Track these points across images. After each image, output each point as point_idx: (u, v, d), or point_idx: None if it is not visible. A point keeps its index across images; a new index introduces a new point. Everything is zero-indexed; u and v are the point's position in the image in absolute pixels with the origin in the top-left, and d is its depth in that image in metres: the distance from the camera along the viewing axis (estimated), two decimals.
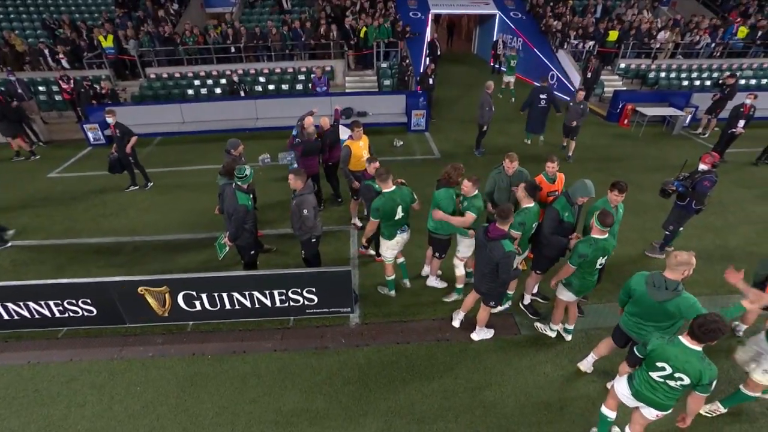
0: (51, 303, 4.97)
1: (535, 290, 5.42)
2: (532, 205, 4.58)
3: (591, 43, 13.93)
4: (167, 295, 5.01)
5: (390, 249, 5.17)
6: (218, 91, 12.50)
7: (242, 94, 11.85)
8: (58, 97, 12.01)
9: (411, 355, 4.80)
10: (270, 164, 9.23)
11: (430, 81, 11.16)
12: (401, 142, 10.39)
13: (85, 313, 5.08)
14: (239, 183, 4.86)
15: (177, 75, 12.92)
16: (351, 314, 5.34)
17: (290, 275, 5.00)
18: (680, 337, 2.97)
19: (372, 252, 6.25)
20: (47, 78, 12.23)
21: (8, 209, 7.93)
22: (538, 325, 5.00)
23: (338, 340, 5.03)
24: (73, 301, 4.97)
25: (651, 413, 3.24)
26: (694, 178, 5.66)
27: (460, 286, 5.39)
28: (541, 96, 9.46)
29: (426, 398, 4.31)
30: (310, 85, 12.13)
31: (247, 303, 5.17)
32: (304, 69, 13.46)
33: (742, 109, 8.96)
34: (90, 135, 10.33)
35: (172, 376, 4.62)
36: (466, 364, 4.66)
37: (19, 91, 10.96)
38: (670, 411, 3.22)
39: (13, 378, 4.61)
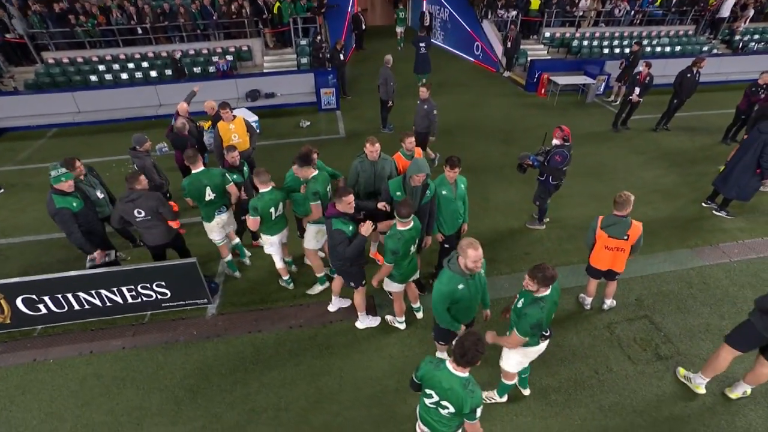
0: None
1: None
2: (317, 172, 4.55)
3: (514, 12, 13.77)
4: (3, 301, 4.74)
5: (212, 231, 5.15)
6: (125, 76, 11.75)
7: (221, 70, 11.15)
8: None
9: (260, 344, 4.76)
10: (167, 153, 8.86)
11: (341, 57, 10.81)
12: (308, 123, 10.12)
13: None
14: (51, 184, 4.52)
15: (79, 60, 12.05)
16: (209, 305, 5.23)
17: (132, 271, 4.80)
18: (447, 362, 2.65)
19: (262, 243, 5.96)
20: None
21: None
22: (388, 317, 4.96)
23: (190, 333, 4.92)
24: None
25: None
26: (549, 153, 5.69)
27: (319, 275, 5.33)
28: (421, 44, 11.46)
29: (263, 387, 4.29)
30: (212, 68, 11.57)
31: (97, 302, 4.97)
32: (219, 49, 12.81)
33: (638, 77, 9.09)
34: None
35: (3, 386, 4.41)
36: (313, 351, 4.65)
37: None
38: None
39: None
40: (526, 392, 4.14)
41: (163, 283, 4.96)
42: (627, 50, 13.86)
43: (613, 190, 7.42)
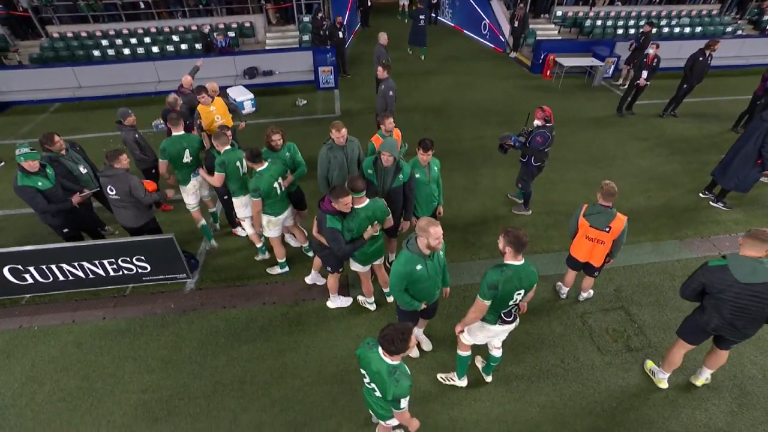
0: None
1: None
2: (264, 166, 4.48)
3: None
4: None
5: (188, 194, 5.34)
6: (127, 51, 11.79)
7: (219, 46, 11.07)
8: None
9: (233, 319, 4.87)
10: (164, 129, 8.91)
11: (340, 34, 10.61)
12: (304, 101, 10.04)
13: None
14: (18, 163, 4.57)
15: (83, 34, 12.12)
16: (188, 280, 5.36)
17: (111, 245, 4.94)
18: (379, 347, 2.61)
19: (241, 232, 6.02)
20: None
21: None
22: (359, 298, 4.98)
23: (168, 306, 5.07)
24: None
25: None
26: (531, 134, 5.54)
27: (258, 245, 5.47)
28: (420, 16, 11.89)
29: (231, 361, 4.41)
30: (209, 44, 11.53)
31: (81, 273, 5.12)
32: (221, 25, 12.71)
33: (645, 60, 8.70)
34: None
35: None
36: (283, 328, 4.74)
37: None
38: (391, 422, 3.02)
39: None
40: (488, 379, 4.15)
41: (142, 258, 5.08)
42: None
43: (608, 178, 7.27)
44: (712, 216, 6.36)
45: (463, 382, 4.10)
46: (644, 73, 8.73)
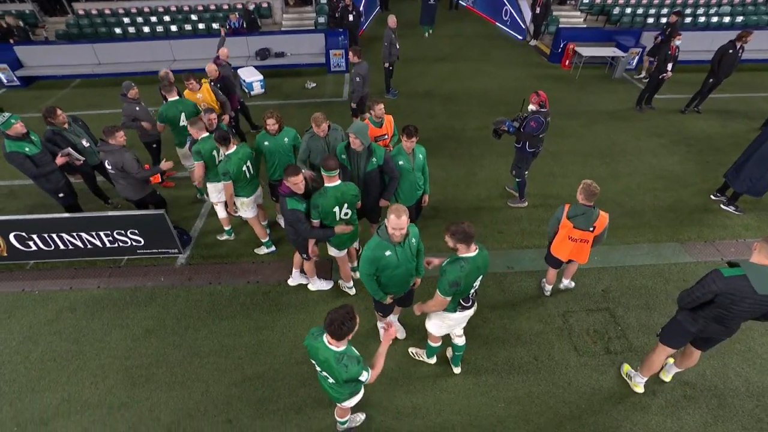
0: None
1: None
2: (233, 149, 4.56)
3: None
4: None
5: (184, 157, 5.79)
6: (147, 29, 12.04)
7: (233, 27, 11.17)
8: None
9: (217, 294, 5.02)
10: None
11: (350, 17, 10.46)
12: (314, 84, 10.03)
13: None
14: (2, 131, 4.82)
15: (107, 11, 12.43)
16: (179, 255, 5.53)
17: (105, 217, 5.14)
18: (324, 335, 2.67)
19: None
20: None
21: None
22: (340, 282, 5.01)
23: (158, 279, 5.26)
24: None
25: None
26: (525, 119, 5.40)
27: (227, 228, 5.65)
28: None
29: (210, 334, 4.57)
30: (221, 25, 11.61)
31: (79, 243, 5.38)
32: (239, 5, 12.75)
33: (669, 51, 8.21)
34: (1, 76, 10.26)
35: None
36: (263, 307, 4.85)
37: None
38: (347, 403, 3.17)
39: None
40: (457, 370, 4.15)
41: (136, 231, 5.27)
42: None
43: (614, 174, 7.09)
44: (720, 220, 6.05)
45: (432, 360, 4.17)
46: (669, 65, 8.26)
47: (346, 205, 3.96)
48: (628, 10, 12.68)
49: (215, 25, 12.17)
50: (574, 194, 4.11)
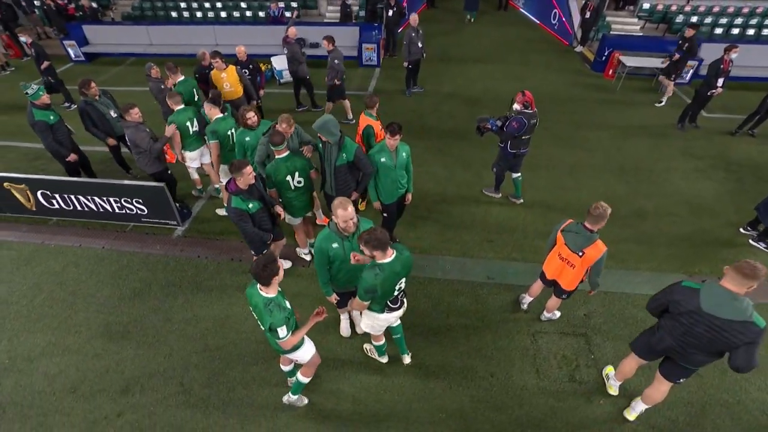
0: None
1: None
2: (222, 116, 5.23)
3: None
4: (29, 192, 5.89)
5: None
6: (199, 15, 12.81)
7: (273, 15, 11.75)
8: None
9: (202, 267, 5.31)
10: None
11: (389, 13, 10.45)
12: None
13: None
14: (31, 100, 5.42)
15: None
16: (177, 227, 5.90)
17: (113, 185, 5.62)
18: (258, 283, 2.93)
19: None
20: None
21: None
22: (297, 249, 5.31)
23: (155, 247, 5.65)
24: None
25: None
26: (508, 118, 5.32)
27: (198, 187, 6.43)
28: None
29: (186, 303, 4.86)
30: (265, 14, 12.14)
31: (93, 206, 5.92)
32: None
33: (721, 65, 7.44)
34: (70, 51, 11.37)
35: (16, 255, 5.59)
36: (239, 284, 5.05)
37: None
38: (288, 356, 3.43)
39: None
40: (407, 360, 4.15)
41: (141, 201, 5.70)
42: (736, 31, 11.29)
43: (633, 194, 6.58)
44: (743, 255, 5.40)
45: (384, 359, 4.19)
46: (720, 81, 7.49)
47: (297, 174, 4.33)
48: (694, 19, 11.60)
49: (261, 14, 12.69)
50: (582, 210, 3.84)
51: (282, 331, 2.95)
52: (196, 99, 6.62)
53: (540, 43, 12.56)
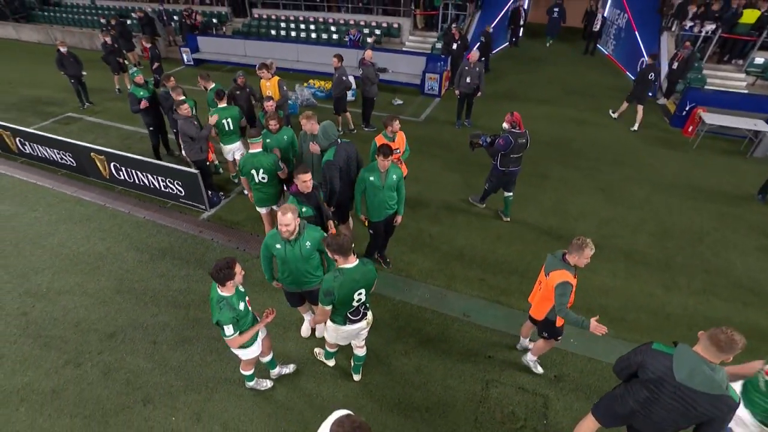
0: (54, 151, 7.68)
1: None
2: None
3: (712, 26, 10.70)
4: (105, 162, 7.18)
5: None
6: (293, 34, 14.41)
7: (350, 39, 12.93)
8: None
9: (212, 249, 5.95)
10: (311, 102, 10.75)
11: (454, 46, 10.70)
12: (400, 102, 10.60)
13: (69, 163, 7.67)
14: (133, 78, 7.11)
15: (273, 17, 15.26)
16: (205, 212, 6.67)
17: (159, 165, 6.69)
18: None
19: None
20: (176, 9, 16.05)
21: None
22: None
23: (181, 224, 6.46)
24: (59, 153, 7.60)
25: None
26: (496, 136, 5.66)
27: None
28: (555, 9, 15.26)
29: (187, 277, 5.47)
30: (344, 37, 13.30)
31: (146, 182, 6.99)
32: (374, 23, 14.21)
33: None
34: (184, 56, 13.55)
35: (84, 211, 6.81)
36: None
37: (164, 17, 14.89)
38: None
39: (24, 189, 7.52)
40: (357, 378, 4.20)
41: (179, 183, 6.60)
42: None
43: (664, 262, 5.83)
44: None
45: (331, 363, 4.32)
46: None
47: (261, 171, 4.90)
48: None
49: (346, 38, 13.84)
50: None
51: (228, 330, 3.17)
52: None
53: (619, 91, 11.67)
